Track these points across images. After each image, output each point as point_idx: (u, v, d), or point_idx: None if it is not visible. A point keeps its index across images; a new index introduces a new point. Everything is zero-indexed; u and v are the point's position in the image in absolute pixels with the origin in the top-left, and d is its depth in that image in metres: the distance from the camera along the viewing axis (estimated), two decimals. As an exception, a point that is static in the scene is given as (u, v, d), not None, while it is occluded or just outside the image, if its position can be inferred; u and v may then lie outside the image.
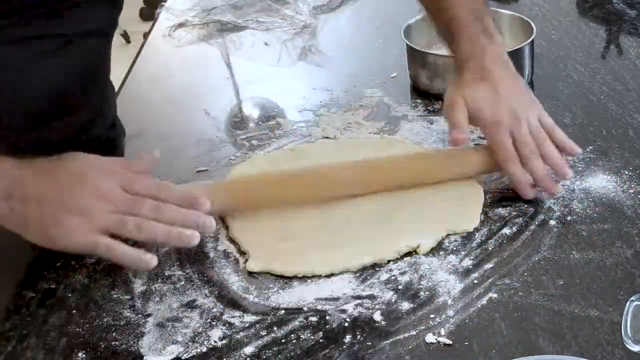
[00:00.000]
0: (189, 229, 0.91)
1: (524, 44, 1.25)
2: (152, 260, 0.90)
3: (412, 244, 0.96)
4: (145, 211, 0.90)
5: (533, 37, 1.27)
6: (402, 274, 0.92)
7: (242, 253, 0.97)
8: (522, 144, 1.01)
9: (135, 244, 0.92)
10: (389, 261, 0.94)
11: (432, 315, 0.86)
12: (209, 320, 0.88)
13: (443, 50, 1.32)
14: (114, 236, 0.90)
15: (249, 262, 0.95)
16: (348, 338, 0.84)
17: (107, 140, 1.17)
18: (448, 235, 0.98)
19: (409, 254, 0.95)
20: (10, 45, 0.95)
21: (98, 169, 0.92)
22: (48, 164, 0.92)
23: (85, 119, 1.10)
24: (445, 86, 1.25)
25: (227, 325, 0.87)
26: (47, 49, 0.98)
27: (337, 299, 0.90)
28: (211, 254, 0.98)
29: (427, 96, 1.28)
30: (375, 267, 0.94)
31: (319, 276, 0.93)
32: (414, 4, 1.59)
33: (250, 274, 0.94)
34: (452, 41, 1.09)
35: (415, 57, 1.29)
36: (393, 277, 0.92)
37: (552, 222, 0.98)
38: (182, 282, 0.94)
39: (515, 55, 1.24)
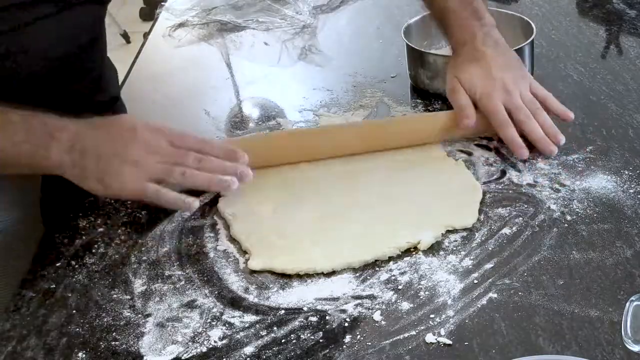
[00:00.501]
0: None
1: (524, 44, 1.25)
2: (194, 202, 1.01)
3: (412, 240, 0.96)
4: (189, 162, 1.01)
5: (533, 37, 1.27)
6: (402, 274, 0.92)
7: (243, 252, 0.98)
8: (516, 109, 1.10)
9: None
10: (390, 258, 0.94)
11: (432, 315, 0.86)
12: (209, 320, 0.88)
13: (443, 50, 1.32)
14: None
15: (250, 260, 0.95)
16: (348, 338, 0.84)
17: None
18: (448, 232, 0.98)
19: (409, 253, 0.95)
20: (9, 9, 1.00)
21: (147, 127, 1.02)
22: (103, 121, 1.02)
23: (85, 87, 1.16)
24: (445, 86, 1.25)
25: (227, 325, 0.87)
26: (43, 14, 1.03)
27: (337, 299, 0.90)
28: (211, 254, 0.98)
29: (427, 96, 1.28)
30: (375, 267, 0.94)
31: (320, 275, 0.93)
32: (414, 4, 1.59)
33: (251, 273, 0.94)
34: (446, 29, 1.18)
35: (415, 57, 1.29)
36: (393, 277, 0.92)
37: (552, 222, 0.98)
38: (182, 282, 0.94)
39: None
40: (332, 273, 0.93)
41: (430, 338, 0.83)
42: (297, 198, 1.06)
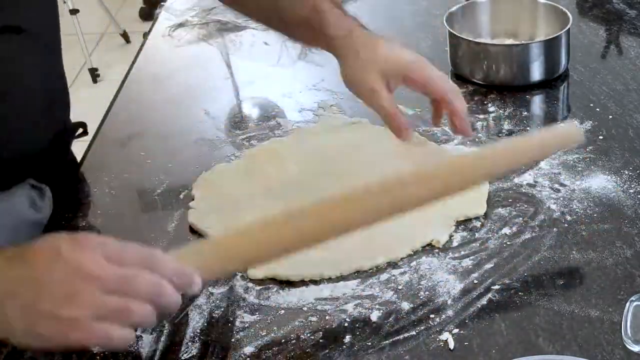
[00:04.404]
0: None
1: (560, 32, 1.26)
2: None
3: (426, 240, 0.96)
4: (143, 289, 0.72)
5: (569, 26, 1.27)
6: (402, 274, 0.92)
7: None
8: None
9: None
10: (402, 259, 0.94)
11: (432, 316, 0.86)
12: (208, 319, 0.88)
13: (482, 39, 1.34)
14: None
15: (249, 270, 0.93)
16: (348, 338, 0.84)
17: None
18: (458, 226, 0.98)
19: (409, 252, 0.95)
20: None
21: (73, 242, 0.74)
22: (17, 251, 0.75)
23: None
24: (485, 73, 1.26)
25: (227, 325, 0.87)
26: None
27: (337, 299, 0.90)
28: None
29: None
30: (375, 267, 0.94)
31: (329, 279, 0.92)
32: (415, 4, 1.60)
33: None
34: (320, 28, 1.02)
35: (457, 45, 1.30)
36: (393, 277, 0.92)
37: (552, 222, 0.98)
38: (182, 282, 0.93)
39: (551, 45, 1.26)
40: (342, 276, 0.92)
41: (430, 338, 0.83)
42: (283, 201, 1.02)
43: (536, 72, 1.26)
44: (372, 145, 1.15)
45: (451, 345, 0.82)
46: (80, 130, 1.16)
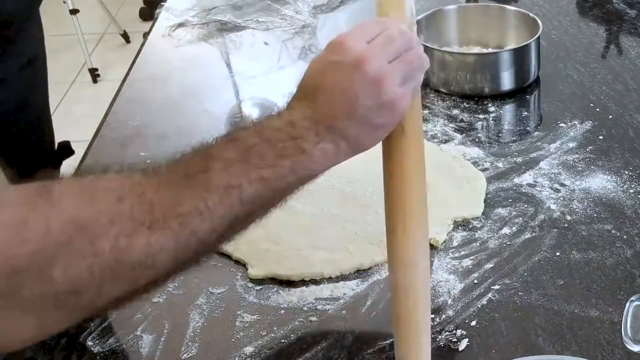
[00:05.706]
0: None
1: (530, 40, 1.25)
2: None
3: None
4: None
5: (539, 34, 1.26)
6: (402, 274, 0.92)
7: (236, 261, 0.97)
8: None
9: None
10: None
11: (432, 315, 0.86)
12: (208, 319, 0.88)
13: (451, 48, 1.33)
14: None
15: (250, 270, 0.94)
16: (348, 338, 0.84)
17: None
18: (458, 226, 0.98)
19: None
20: None
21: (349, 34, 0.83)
22: (303, 87, 0.85)
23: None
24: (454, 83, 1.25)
25: (227, 324, 0.87)
26: None
27: (337, 299, 0.90)
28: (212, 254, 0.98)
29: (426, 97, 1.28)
30: (375, 266, 0.94)
31: (329, 279, 0.92)
32: (415, 3, 1.59)
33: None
34: None
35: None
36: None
37: (552, 222, 0.98)
38: (183, 281, 0.93)
39: (521, 53, 1.25)
40: (342, 274, 0.93)
41: (430, 338, 0.83)
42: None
43: (506, 81, 1.25)
44: None
45: (451, 345, 0.82)
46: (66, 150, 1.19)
